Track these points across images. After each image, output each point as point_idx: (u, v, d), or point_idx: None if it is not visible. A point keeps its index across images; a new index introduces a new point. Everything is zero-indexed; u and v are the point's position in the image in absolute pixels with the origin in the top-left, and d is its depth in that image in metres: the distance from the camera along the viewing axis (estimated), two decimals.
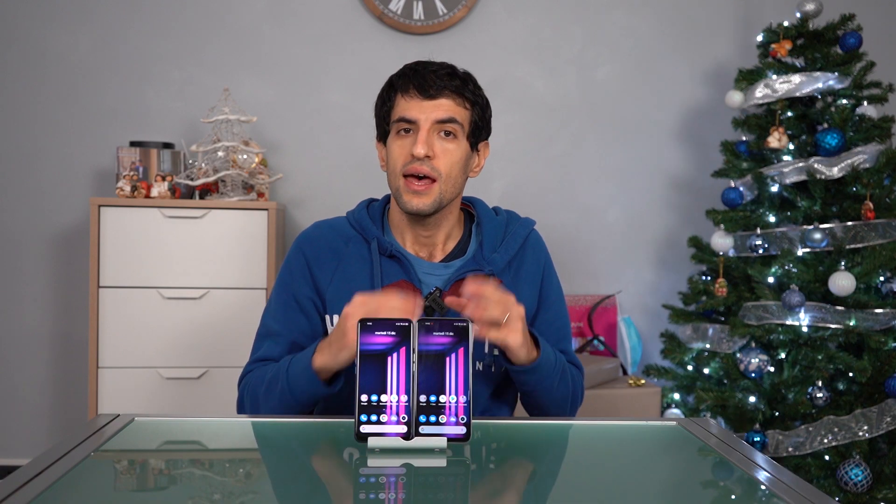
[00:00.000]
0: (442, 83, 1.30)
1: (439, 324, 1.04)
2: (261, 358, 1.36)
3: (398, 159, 1.31)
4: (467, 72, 1.37)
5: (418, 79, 1.31)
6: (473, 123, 1.34)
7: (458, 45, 2.92)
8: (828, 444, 2.29)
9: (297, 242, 1.42)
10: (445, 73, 1.32)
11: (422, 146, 1.28)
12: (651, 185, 3.03)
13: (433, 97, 1.30)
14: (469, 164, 1.37)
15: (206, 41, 2.85)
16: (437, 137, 1.31)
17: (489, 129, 1.40)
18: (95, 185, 2.82)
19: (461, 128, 1.32)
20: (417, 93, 1.30)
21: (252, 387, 1.32)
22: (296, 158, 2.89)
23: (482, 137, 1.39)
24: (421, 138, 1.28)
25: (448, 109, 1.30)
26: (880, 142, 2.48)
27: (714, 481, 0.99)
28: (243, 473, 0.98)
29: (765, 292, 2.41)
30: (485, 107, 1.37)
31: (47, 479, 0.85)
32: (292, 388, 1.24)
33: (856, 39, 2.51)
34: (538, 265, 1.43)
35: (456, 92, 1.31)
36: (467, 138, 1.34)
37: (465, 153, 1.34)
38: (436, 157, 1.30)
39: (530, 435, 1.14)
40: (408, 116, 1.30)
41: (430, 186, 1.30)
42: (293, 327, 1.36)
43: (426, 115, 1.29)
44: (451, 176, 1.32)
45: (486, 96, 1.38)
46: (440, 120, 1.30)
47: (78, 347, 2.82)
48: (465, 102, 1.33)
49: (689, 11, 3.01)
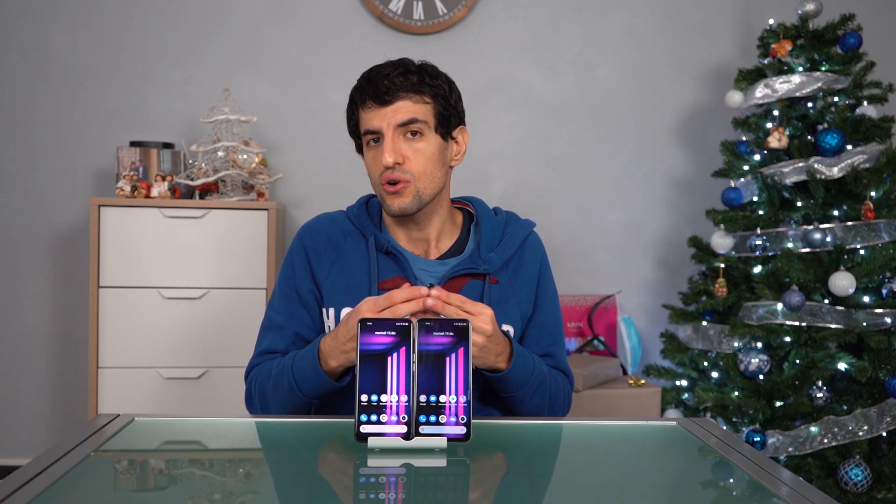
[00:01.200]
0: (395, 86, 1.29)
1: (439, 324, 1.04)
2: (265, 350, 1.39)
3: (374, 170, 1.33)
4: (423, 63, 1.35)
5: (372, 87, 1.30)
6: (439, 115, 1.33)
7: (458, 45, 2.92)
8: (828, 444, 2.29)
9: (298, 234, 1.44)
10: (398, 74, 1.30)
11: (389, 154, 1.28)
12: (651, 185, 3.03)
13: (389, 102, 1.29)
14: (446, 155, 1.36)
15: (206, 41, 2.85)
16: (404, 140, 1.31)
17: (460, 115, 1.38)
18: (95, 185, 2.82)
19: (426, 125, 1.31)
20: (374, 102, 1.30)
21: (259, 382, 1.34)
22: (296, 158, 2.89)
23: (454, 125, 1.37)
24: (387, 147, 1.29)
25: (407, 111, 1.30)
26: (880, 142, 2.48)
27: (714, 481, 0.99)
28: (243, 473, 0.98)
29: (765, 292, 2.41)
30: (448, 94, 1.34)
31: (47, 479, 0.85)
32: (300, 386, 1.26)
33: (856, 39, 2.52)
34: (535, 266, 1.43)
35: (412, 90, 1.30)
36: (436, 131, 1.33)
37: (438, 147, 1.34)
38: (406, 160, 1.30)
39: (530, 435, 1.15)
40: (370, 127, 1.31)
41: (406, 186, 1.31)
42: (296, 319, 1.38)
43: (387, 122, 1.29)
44: (427, 173, 1.32)
45: (448, 82, 1.36)
46: (401, 123, 1.30)
47: (78, 347, 2.82)
48: (423, 98, 1.31)
49: (689, 11, 3.01)
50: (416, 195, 1.31)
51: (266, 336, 1.40)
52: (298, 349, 1.38)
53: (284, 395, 1.29)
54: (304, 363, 1.26)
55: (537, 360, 1.34)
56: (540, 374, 1.32)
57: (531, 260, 1.43)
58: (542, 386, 1.33)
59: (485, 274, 1.36)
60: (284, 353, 1.38)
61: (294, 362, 1.28)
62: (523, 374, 1.28)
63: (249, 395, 1.38)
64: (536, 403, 1.33)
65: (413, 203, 1.32)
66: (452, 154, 1.39)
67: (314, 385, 1.25)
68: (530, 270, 1.42)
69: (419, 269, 1.37)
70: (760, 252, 2.47)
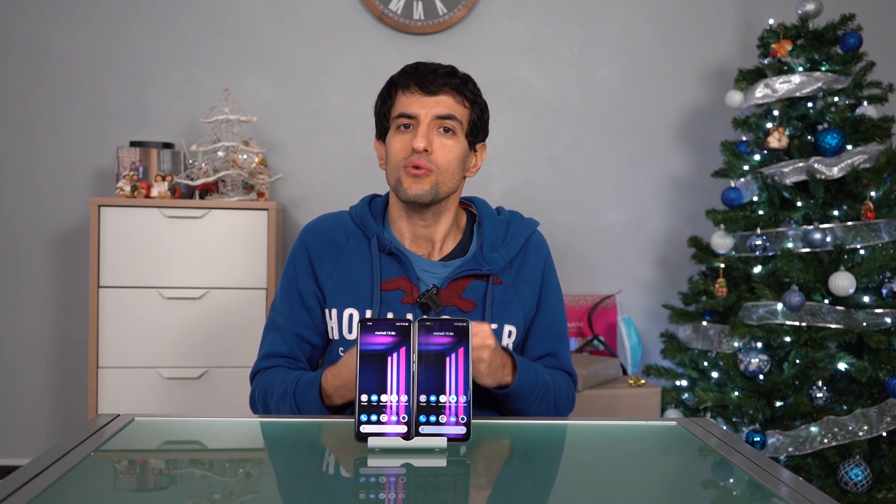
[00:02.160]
0: (442, 80, 1.33)
1: (439, 324, 1.04)
2: (269, 353, 1.40)
3: (398, 153, 1.34)
4: (467, 73, 1.40)
5: (419, 76, 1.34)
6: (472, 122, 1.37)
7: (458, 45, 2.92)
8: (828, 444, 2.29)
9: (301, 235, 1.44)
10: (446, 72, 1.35)
11: (421, 139, 1.31)
12: (651, 185, 3.03)
13: (433, 93, 1.33)
14: (467, 162, 1.40)
15: (206, 41, 2.85)
16: (437, 133, 1.34)
17: (486, 131, 1.43)
18: (95, 185, 2.82)
19: (460, 125, 1.35)
20: (418, 89, 1.33)
21: (263, 394, 1.36)
22: (296, 158, 2.89)
23: (480, 138, 1.41)
24: (421, 132, 1.31)
25: (448, 106, 1.33)
26: (880, 142, 2.48)
27: (714, 481, 0.99)
28: (243, 473, 0.98)
29: (765, 292, 2.41)
30: (483, 108, 1.40)
31: (47, 479, 0.85)
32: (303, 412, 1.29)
33: (856, 39, 2.52)
34: (538, 265, 1.43)
35: (456, 90, 1.34)
36: (466, 136, 1.37)
37: (463, 150, 1.37)
38: (434, 151, 1.33)
39: (530, 435, 1.14)
40: (408, 112, 1.33)
41: (428, 174, 1.32)
42: (297, 321, 1.39)
43: (426, 111, 1.32)
44: (449, 170, 1.34)
45: (484, 99, 1.41)
46: (440, 115, 1.33)
47: (78, 347, 2.82)
48: (464, 101, 1.36)
49: (689, 11, 3.01)
50: (435, 186, 1.33)
51: (269, 338, 1.41)
52: (301, 351, 1.39)
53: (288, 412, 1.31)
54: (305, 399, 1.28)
55: (540, 369, 1.34)
56: (544, 383, 1.33)
57: (534, 259, 1.43)
58: (547, 394, 1.33)
59: (488, 275, 1.36)
60: (288, 356, 1.38)
61: (297, 389, 1.29)
62: (528, 384, 1.29)
63: (254, 400, 1.39)
64: (542, 410, 1.34)
65: (430, 192, 1.33)
66: (471, 164, 1.42)
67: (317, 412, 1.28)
68: (534, 270, 1.42)
69: (422, 270, 1.37)
70: (760, 252, 2.47)
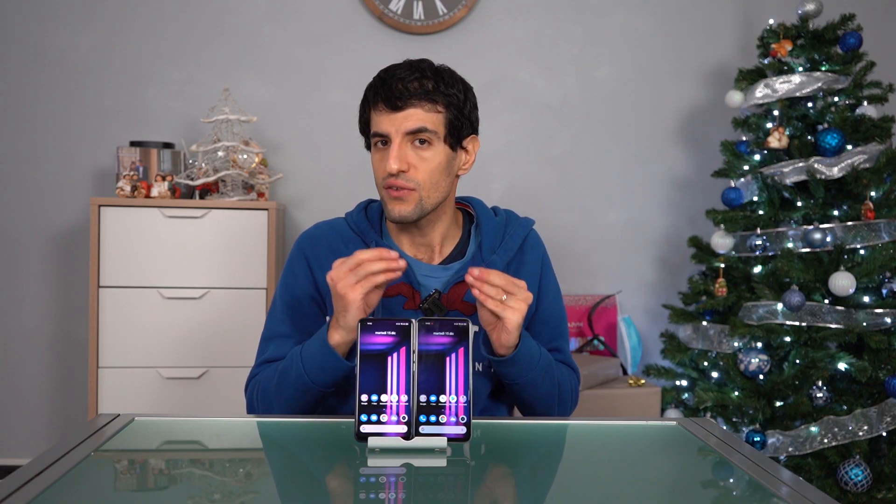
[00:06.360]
0: (409, 92, 1.26)
1: (439, 324, 1.04)
2: (268, 360, 1.36)
3: (378, 172, 1.31)
4: (441, 68, 1.31)
5: (385, 90, 1.27)
6: (450, 125, 1.29)
7: (458, 45, 2.92)
8: (828, 444, 2.29)
9: (297, 243, 1.41)
10: (413, 79, 1.27)
11: (394, 161, 1.25)
12: (651, 185, 3.03)
13: (400, 108, 1.26)
14: (453, 165, 1.34)
15: (206, 41, 2.85)
16: (412, 147, 1.28)
17: (473, 125, 1.35)
18: (95, 185, 2.82)
19: (435, 134, 1.28)
20: (385, 105, 1.27)
21: (262, 384, 1.32)
22: (296, 158, 2.89)
23: (465, 133, 1.33)
24: (392, 153, 1.26)
25: (418, 119, 1.26)
26: (880, 142, 2.48)
27: (714, 481, 0.99)
28: (243, 473, 0.98)
29: (765, 292, 2.41)
30: (462, 104, 1.30)
31: (47, 479, 0.85)
32: (309, 372, 1.23)
33: (856, 39, 2.52)
34: (536, 264, 1.43)
35: (425, 98, 1.27)
36: (445, 141, 1.30)
37: (445, 157, 1.31)
38: (412, 167, 1.28)
39: (530, 435, 1.14)
40: (379, 131, 1.28)
41: (410, 193, 1.28)
42: (300, 327, 1.36)
43: (396, 128, 1.26)
44: (431, 182, 1.29)
45: (464, 90, 1.32)
46: (410, 131, 1.27)
47: (78, 347, 2.82)
48: (436, 107, 1.28)
49: (689, 11, 3.01)
50: (419, 203, 1.29)
51: (268, 346, 1.37)
52: None
53: (291, 389, 1.25)
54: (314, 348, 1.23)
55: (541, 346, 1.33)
56: (547, 358, 1.31)
57: (532, 258, 1.43)
58: (550, 371, 1.31)
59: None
60: None
61: (303, 350, 1.25)
62: (533, 350, 1.26)
63: (251, 403, 1.36)
64: (547, 389, 1.31)
65: (415, 211, 1.29)
66: (460, 163, 1.37)
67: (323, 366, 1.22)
68: (532, 269, 1.42)
69: (423, 275, 1.36)
70: (760, 252, 2.47)
